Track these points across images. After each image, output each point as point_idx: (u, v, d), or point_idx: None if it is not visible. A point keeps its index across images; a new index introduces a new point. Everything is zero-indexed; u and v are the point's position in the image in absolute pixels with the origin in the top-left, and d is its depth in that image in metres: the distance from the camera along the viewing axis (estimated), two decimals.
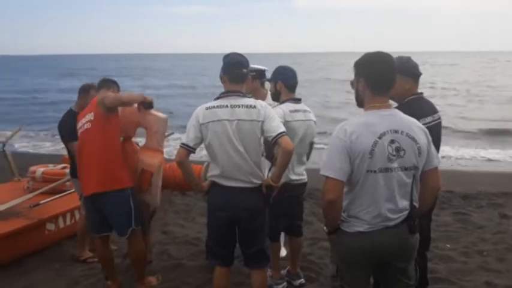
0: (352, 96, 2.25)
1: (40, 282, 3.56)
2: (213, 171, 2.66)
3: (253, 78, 3.43)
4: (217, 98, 2.68)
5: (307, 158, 3.33)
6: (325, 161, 2.02)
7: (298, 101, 3.25)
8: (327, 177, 1.98)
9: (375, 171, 1.95)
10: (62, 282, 3.57)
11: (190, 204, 5.88)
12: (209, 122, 2.57)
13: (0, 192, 4.80)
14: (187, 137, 2.63)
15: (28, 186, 4.86)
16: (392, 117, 2.03)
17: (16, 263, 3.83)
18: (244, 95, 2.67)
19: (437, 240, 4.27)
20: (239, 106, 2.58)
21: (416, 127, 2.05)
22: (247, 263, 2.81)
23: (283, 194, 3.13)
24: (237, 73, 2.65)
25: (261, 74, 3.59)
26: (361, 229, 2.02)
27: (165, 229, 4.72)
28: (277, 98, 3.27)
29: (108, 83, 3.49)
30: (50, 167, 5.03)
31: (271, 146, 2.75)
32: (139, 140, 3.64)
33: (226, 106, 2.58)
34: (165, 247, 4.24)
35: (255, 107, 2.59)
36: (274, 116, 2.64)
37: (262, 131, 2.59)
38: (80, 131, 3.21)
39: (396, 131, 1.98)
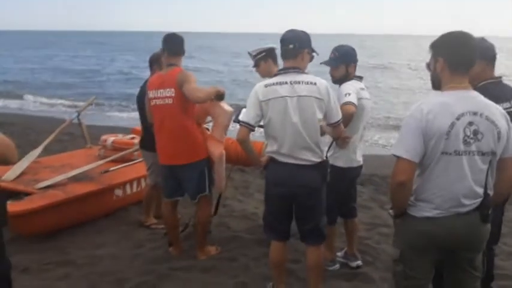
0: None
1: (110, 242, 3.82)
2: (271, 147, 2.67)
3: (265, 59, 3.41)
4: (276, 75, 2.66)
5: None
6: (397, 140, 1.97)
7: (360, 78, 3.23)
8: (398, 157, 1.93)
9: (449, 154, 1.88)
10: (128, 243, 3.80)
11: (248, 180, 5.98)
12: (270, 99, 2.57)
13: (75, 158, 5.15)
14: (248, 115, 2.65)
15: (99, 154, 5.15)
16: (471, 99, 1.93)
17: (91, 223, 4.13)
18: (302, 71, 2.64)
19: (506, 236, 4.03)
20: (299, 82, 2.57)
21: (497, 110, 1.94)
22: (303, 239, 2.83)
23: (342, 180, 3.15)
24: (285, 49, 2.64)
25: (271, 53, 3.51)
26: (429, 214, 1.96)
27: (224, 203, 4.86)
28: (345, 80, 3.15)
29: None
30: (120, 137, 5.30)
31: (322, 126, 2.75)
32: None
33: (286, 83, 2.57)
34: (224, 220, 4.36)
35: (315, 83, 2.57)
36: (334, 98, 2.65)
37: (322, 110, 2.58)
38: (158, 103, 3.30)
39: (475, 113, 1.88)
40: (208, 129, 3.73)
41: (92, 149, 5.62)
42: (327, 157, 2.78)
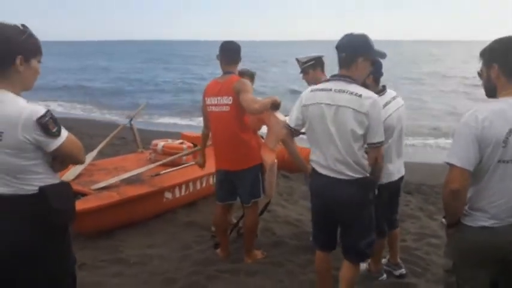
0: None
1: (160, 243, 3.95)
2: (313, 156, 2.60)
3: (314, 67, 3.38)
4: (325, 81, 2.57)
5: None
6: (450, 148, 1.92)
7: (384, 90, 3.05)
8: (452, 165, 1.89)
9: (507, 162, 1.82)
10: (176, 245, 3.91)
11: (293, 187, 6.00)
12: (310, 104, 2.50)
13: (127, 161, 5.38)
14: (290, 117, 2.64)
15: (150, 158, 5.36)
16: None
17: (142, 223, 4.29)
18: (353, 81, 2.45)
19: None
20: (343, 91, 2.40)
21: None
22: (343, 252, 2.70)
23: (383, 193, 3.06)
24: (339, 57, 2.49)
25: (320, 61, 3.48)
26: (486, 224, 1.90)
27: (268, 208, 4.90)
28: None
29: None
30: (170, 142, 5.48)
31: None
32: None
33: (330, 90, 2.45)
34: (269, 225, 4.39)
35: (360, 96, 2.37)
36: (379, 118, 2.41)
37: (362, 125, 2.38)
38: (214, 109, 3.38)
39: None
40: (262, 137, 3.80)
41: (143, 153, 5.85)
42: (371, 173, 2.55)
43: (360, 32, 2.52)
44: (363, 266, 3.41)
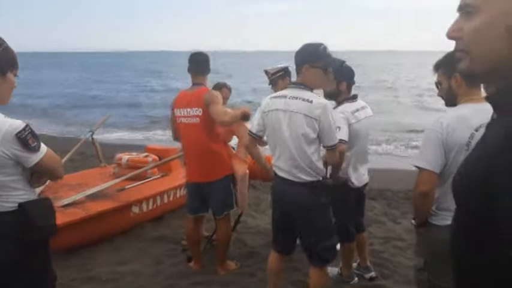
0: None
1: (130, 259, 3.87)
2: (273, 160, 2.69)
3: (283, 77, 3.51)
4: (286, 89, 2.69)
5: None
6: (419, 153, 2.05)
7: (355, 98, 3.20)
8: (420, 168, 2.01)
9: None
10: (148, 259, 3.85)
11: (260, 197, 6.04)
12: (269, 110, 2.61)
13: (89, 176, 5.23)
14: (252, 124, 2.76)
15: (114, 172, 5.24)
16: (487, 111, 2.01)
17: (110, 239, 4.19)
18: (307, 88, 2.56)
19: None
20: (296, 98, 2.51)
21: None
22: (307, 257, 2.76)
23: (350, 198, 3.20)
24: (295, 66, 2.63)
25: (287, 71, 3.62)
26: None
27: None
28: (335, 97, 3.16)
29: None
30: (134, 155, 5.39)
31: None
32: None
33: (285, 96, 2.56)
34: (240, 236, 4.41)
35: (311, 102, 2.48)
36: (330, 122, 2.50)
37: (314, 130, 2.48)
38: (184, 121, 3.39)
39: None
40: (233, 148, 3.82)
41: (106, 167, 5.71)
42: (326, 177, 2.65)
43: (319, 41, 2.64)
44: (334, 270, 3.51)
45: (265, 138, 2.80)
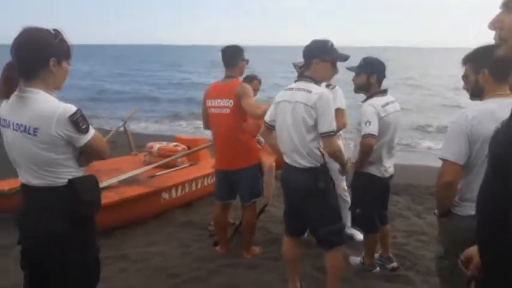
0: None
1: (159, 241, 4.07)
2: (280, 147, 2.85)
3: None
4: (295, 81, 2.85)
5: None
6: (443, 144, 2.11)
7: (385, 92, 3.28)
8: (444, 160, 2.07)
9: None
10: (176, 243, 4.04)
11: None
12: (279, 101, 2.80)
13: (122, 163, 5.46)
14: (267, 114, 2.92)
15: (145, 160, 5.46)
16: None
17: (141, 223, 4.40)
18: (311, 80, 2.74)
19: None
20: (300, 89, 2.71)
21: None
22: (315, 240, 2.95)
23: (376, 188, 3.28)
24: (305, 60, 2.81)
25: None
26: (473, 213, 2.07)
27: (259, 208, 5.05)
28: (365, 90, 3.28)
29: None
30: (165, 144, 5.59)
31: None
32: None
33: (292, 89, 2.76)
34: (264, 224, 4.53)
35: (310, 92, 2.66)
36: (326, 110, 2.63)
37: (312, 117, 2.64)
38: (214, 111, 3.53)
39: None
40: (259, 142, 3.95)
41: (137, 155, 5.94)
42: (324, 164, 2.74)
43: (324, 37, 2.86)
44: (357, 259, 3.60)
45: None
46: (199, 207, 5.09)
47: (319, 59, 2.76)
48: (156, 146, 5.47)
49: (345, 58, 2.86)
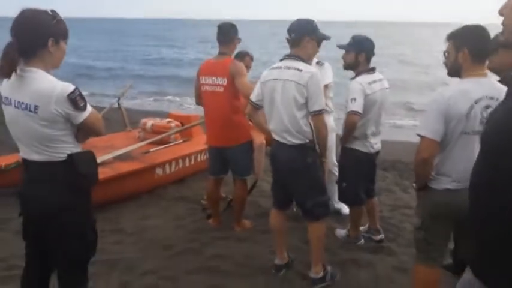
0: None
1: (153, 215, 4.21)
2: (269, 125, 2.95)
3: None
4: (281, 60, 2.91)
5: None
6: (421, 122, 2.24)
7: (373, 70, 3.37)
8: (422, 136, 2.20)
9: (468, 133, 2.14)
10: (170, 216, 4.18)
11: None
12: (266, 80, 2.86)
13: (116, 140, 5.55)
14: (253, 93, 3.00)
15: (139, 136, 5.54)
16: (489, 84, 2.18)
17: (136, 198, 4.54)
18: (299, 59, 2.82)
19: None
20: (289, 68, 2.78)
21: None
22: (301, 212, 3.12)
23: (362, 163, 3.40)
24: (290, 38, 2.88)
25: None
26: (449, 186, 2.23)
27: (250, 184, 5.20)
28: (354, 67, 3.37)
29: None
30: (158, 121, 5.67)
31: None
32: None
33: (280, 67, 2.83)
34: (255, 199, 4.68)
35: (301, 70, 2.73)
36: (316, 89, 2.74)
37: (303, 96, 2.73)
38: (208, 89, 3.60)
39: (492, 98, 2.13)
40: (250, 121, 4.05)
41: (131, 131, 6.02)
42: (312, 140, 2.86)
43: (307, 17, 2.97)
44: (342, 232, 3.77)
45: None
46: (191, 182, 5.22)
47: (309, 37, 2.87)
48: (150, 122, 5.55)
49: (328, 37, 3.00)
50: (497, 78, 2.56)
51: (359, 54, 3.33)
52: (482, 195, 1.27)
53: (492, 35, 2.21)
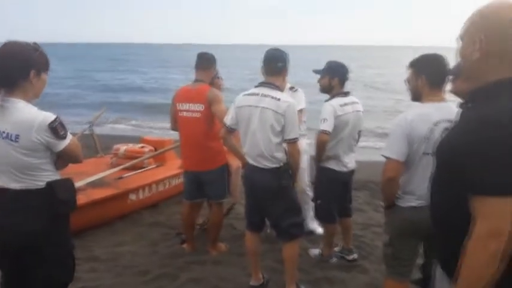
0: None
1: (128, 241, 4.19)
2: (244, 149, 3.05)
3: None
4: (256, 87, 3.01)
5: (355, 145, 3.68)
6: (387, 144, 2.38)
7: (347, 94, 3.54)
8: (388, 158, 2.34)
9: (429, 154, 2.29)
10: (145, 242, 4.17)
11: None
12: (242, 106, 2.96)
13: (88, 166, 5.48)
14: (227, 117, 3.09)
15: (112, 162, 5.51)
16: (446, 109, 2.36)
17: (110, 224, 4.50)
18: (276, 87, 2.95)
19: None
20: (267, 96, 2.88)
21: None
22: (276, 233, 3.22)
23: (335, 181, 3.53)
24: (272, 67, 2.98)
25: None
26: (414, 204, 2.37)
27: (228, 207, 5.24)
28: (328, 91, 3.56)
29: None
30: (131, 146, 5.67)
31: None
32: None
33: (257, 94, 2.93)
34: (230, 221, 4.72)
35: (279, 99, 2.87)
36: (293, 118, 2.88)
37: (280, 123, 2.86)
38: (185, 114, 3.65)
39: (449, 120, 2.29)
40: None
41: (103, 157, 5.98)
42: (286, 164, 2.98)
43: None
44: (316, 251, 3.86)
45: None
46: (165, 207, 5.22)
47: (285, 68, 3.05)
48: (123, 147, 5.54)
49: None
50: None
51: (332, 78, 3.51)
52: (433, 198, 1.52)
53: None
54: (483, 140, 1.20)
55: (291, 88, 4.06)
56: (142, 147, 5.63)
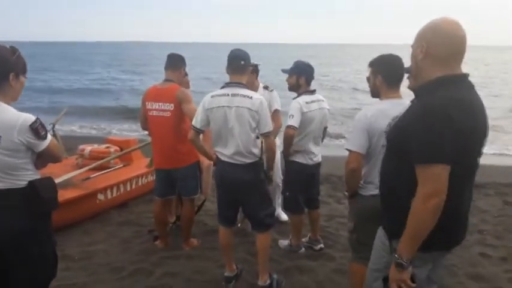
0: None
1: (99, 240, 4.21)
2: (216, 147, 3.16)
3: (251, 72, 3.89)
4: (222, 88, 3.09)
5: (322, 141, 3.91)
6: (349, 138, 2.59)
7: (313, 92, 3.75)
8: (350, 150, 2.54)
9: None
10: (116, 240, 4.20)
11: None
12: (213, 107, 3.02)
13: (54, 168, 5.41)
14: (196, 120, 3.15)
15: (78, 163, 5.46)
16: (402, 105, 2.57)
17: (79, 224, 4.50)
18: (243, 86, 3.05)
19: None
20: (237, 95, 2.99)
21: None
22: (251, 225, 3.38)
23: (302, 174, 3.74)
24: (236, 65, 3.08)
25: (256, 68, 4.17)
26: (374, 192, 2.58)
27: (198, 204, 5.33)
28: (296, 89, 3.74)
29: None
30: (96, 146, 5.64)
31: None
32: None
33: (227, 95, 3.01)
34: (201, 218, 4.83)
35: (251, 97, 2.99)
36: (266, 113, 3.03)
37: (255, 120, 3.00)
38: (155, 114, 3.72)
39: None
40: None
41: (67, 159, 5.90)
42: (261, 158, 3.14)
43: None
44: (285, 242, 4.05)
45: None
46: (134, 206, 5.25)
47: (250, 66, 3.21)
48: (88, 148, 5.50)
49: (255, 64, 3.47)
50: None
51: (299, 77, 3.71)
52: (382, 176, 1.92)
53: None
54: (425, 122, 1.58)
55: (266, 88, 4.24)
56: (107, 147, 5.61)
